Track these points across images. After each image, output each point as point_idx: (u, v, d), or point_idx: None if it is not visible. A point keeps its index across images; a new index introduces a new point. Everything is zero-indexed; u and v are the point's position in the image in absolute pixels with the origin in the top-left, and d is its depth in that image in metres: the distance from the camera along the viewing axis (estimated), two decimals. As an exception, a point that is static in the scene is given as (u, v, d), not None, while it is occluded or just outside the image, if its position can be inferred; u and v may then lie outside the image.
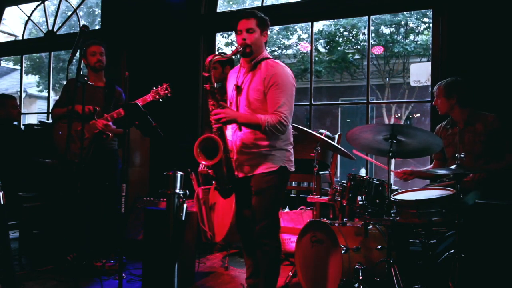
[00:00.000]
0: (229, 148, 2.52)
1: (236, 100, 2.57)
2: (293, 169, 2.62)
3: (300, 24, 10.67)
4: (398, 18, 10.32)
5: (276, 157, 2.51)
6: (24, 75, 7.38)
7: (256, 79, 2.49)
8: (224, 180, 2.51)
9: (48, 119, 6.09)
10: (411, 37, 10.64)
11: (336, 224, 2.76)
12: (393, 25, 10.61)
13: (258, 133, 2.47)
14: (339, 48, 11.12)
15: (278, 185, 2.54)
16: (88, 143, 3.43)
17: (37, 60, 14.06)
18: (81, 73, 2.60)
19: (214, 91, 2.46)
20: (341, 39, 11.13)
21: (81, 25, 2.71)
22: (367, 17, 4.37)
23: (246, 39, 2.46)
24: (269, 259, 2.56)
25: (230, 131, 2.68)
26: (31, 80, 14.27)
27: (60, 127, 3.53)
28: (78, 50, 2.64)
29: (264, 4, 4.88)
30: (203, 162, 2.47)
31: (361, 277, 2.54)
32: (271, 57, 2.59)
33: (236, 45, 2.53)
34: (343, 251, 2.59)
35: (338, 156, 3.97)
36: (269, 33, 2.61)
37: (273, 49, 11.48)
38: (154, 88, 3.37)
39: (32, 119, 10.85)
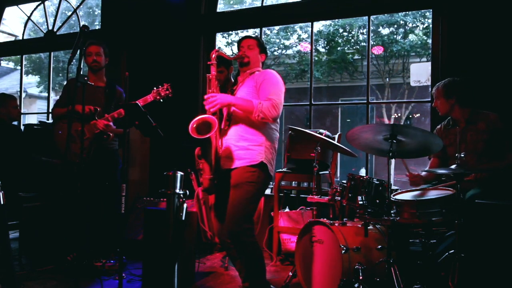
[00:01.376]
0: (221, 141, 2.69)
1: None
2: (272, 173, 2.74)
3: (300, 24, 10.67)
4: (397, 19, 10.33)
5: (258, 152, 2.64)
6: (24, 75, 7.38)
7: (249, 80, 2.79)
8: (210, 168, 2.60)
9: (48, 119, 6.09)
10: (410, 37, 10.64)
11: (336, 224, 2.76)
12: (393, 25, 10.62)
13: (246, 128, 2.66)
14: (338, 48, 11.12)
15: (256, 182, 2.62)
16: (89, 143, 3.43)
17: (37, 61, 14.07)
18: (81, 73, 2.60)
19: (215, 80, 2.71)
20: (340, 39, 11.13)
21: (81, 25, 2.71)
22: (366, 17, 4.37)
23: (246, 51, 2.83)
24: (249, 255, 2.62)
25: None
26: (31, 80, 14.27)
27: (61, 127, 3.54)
28: (78, 50, 2.64)
29: (264, 4, 4.88)
30: (196, 136, 2.57)
31: (361, 277, 2.54)
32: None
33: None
34: (343, 251, 2.59)
35: (338, 156, 3.97)
36: (268, 33, 2.81)
37: (273, 49, 11.49)
38: (155, 88, 3.37)
39: (32, 119, 10.85)
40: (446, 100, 3.09)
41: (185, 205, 2.57)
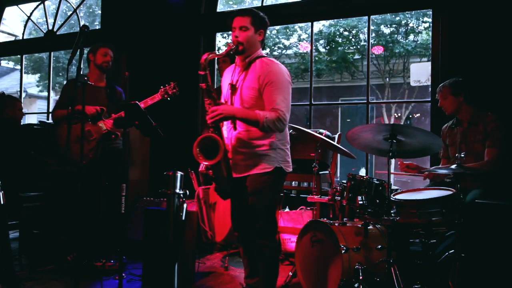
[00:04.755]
0: (226, 148, 2.48)
1: (231, 99, 2.53)
2: (290, 169, 2.56)
3: (300, 24, 10.67)
4: (398, 18, 10.32)
5: (272, 157, 2.46)
6: (24, 75, 7.38)
7: (250, 77, 2.46)
8: (224, 180, 2.47)
9: (48, 119, 6.09)
10: (411, 37, 10.64)
11: (336, 224, 2.76)
12: (393, 25, 10.62)
13: (254, 132, 2.44)
14: (339, 48, 11.12)
15: (274, 186, 2.50)
16: (96, 144, 3.42)
17: (38, 60, 14.07)
18: (81, 73, 2.59)
19: (210, 89, 2.43)
20: (341, 39, 11.13)
21: (81, 25, 2.71)
22: (367, 17, 4.37)
23: (239, 36, 2.44)
24: (267, 261, 2.54)
25: (225, 131, 2.60)
26: (31, 80, 14.27)
27: (66, 129, 3.52)
28: (78, 50, 2.64)
29: (264, 4, 4.88)
30: (204, 163, 2.40)
31: (361, 277, 2.54)
32: (265, 55, 2.55)
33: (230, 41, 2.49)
34: (343, 251, 2.59)
35: (338, 156, 3.97)
36: (268, 33, 2.64)
37: (273, 49, 11.49)
38: (162, 87, 3.36)
39: (32, 119, 10.85)
40: (455, 97, 3.07)
41: (185, 205, 2.57)
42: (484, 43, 3.63)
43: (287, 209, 3.99)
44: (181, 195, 2.59)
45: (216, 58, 2.58)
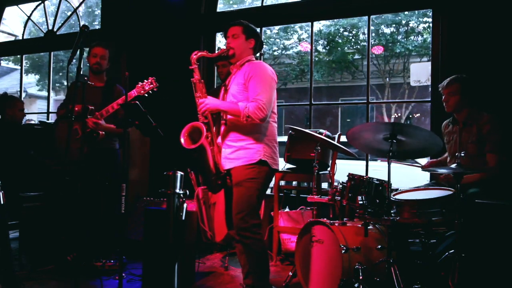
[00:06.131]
0: (216, 142, 2.71)
1: (224, 98, 2.80)
2: (276, 167, 2.73)
3: (300, 24, 10.67)
4: (399, 18, 10.32)
5: (256, 150, 2.63)
6: (24, 75, 7.38)
7: (239, 75, 2.73)
8: (210, 170, 2.61)
9: (48, 119, 6.10)
10: (412, 37, 10.64)
11: (336, 224, 2.76)
12: (394, 25, 10.62)
13: (242, 127, 2.64)
14: (339, 48, 11.12)
15: (257, 178, 2.62)
16: (81, 142, 3.40)
17: (37, 59, 14.07)
18: (81, 73, 2.59)
19: (199, 83, 2.73)
20: (341, 39, 11.13)
21: (81, 25, 2.71)
22: (367, 17, 4.37)
23: (230, 43, 2.74)
24: (253, 253, 2.61)
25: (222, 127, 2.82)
26: (31, 80, 14.28)
27: (61, 127, 3.54)
28: (78, 50, 2.64)
29: (264, 4, 4.87)
30: (188, 147, 2.61)
31: (361, 277, 2.54)
32: (256, 60, 2.79)
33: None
34: (343, 251, 2.59)
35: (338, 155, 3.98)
36: (268, 32, 2.76)
37: (273, 49, 11.48)
38: (139, 83, 3.30)
39: (32, 119, 10.85)
40: (463, 97, 3.01)
41: (185, 205, 2.57)
42: (484, 43, 3.63)
43: (287, 209, 3.99)
44: (181, 195, 2.60)
45: (207, 57, 2.89)
